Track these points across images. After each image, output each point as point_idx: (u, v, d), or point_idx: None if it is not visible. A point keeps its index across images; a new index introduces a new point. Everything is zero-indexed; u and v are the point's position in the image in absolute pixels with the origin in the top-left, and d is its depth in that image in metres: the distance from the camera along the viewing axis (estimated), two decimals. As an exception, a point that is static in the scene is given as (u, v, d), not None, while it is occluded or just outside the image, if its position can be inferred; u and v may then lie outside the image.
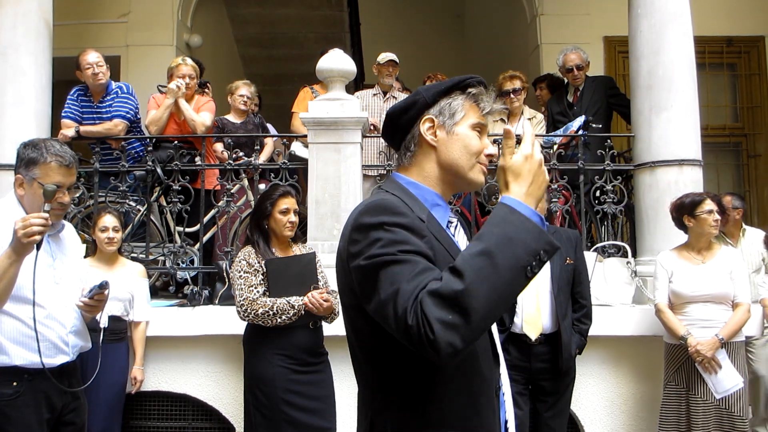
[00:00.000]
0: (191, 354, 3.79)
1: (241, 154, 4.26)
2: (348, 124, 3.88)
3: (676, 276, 3.40)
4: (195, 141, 4.54)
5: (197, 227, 4.26)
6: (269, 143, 4.89)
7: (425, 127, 1.42)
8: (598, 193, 4.21)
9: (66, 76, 4.80)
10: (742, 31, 6.71)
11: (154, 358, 3.74)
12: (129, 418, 3.70)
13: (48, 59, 4.18)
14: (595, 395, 3.84)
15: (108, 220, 3.39)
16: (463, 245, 1.44)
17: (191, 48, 7.03)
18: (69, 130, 4.34)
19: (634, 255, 4.10)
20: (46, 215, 2.10)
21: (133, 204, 4.30)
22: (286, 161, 4.21)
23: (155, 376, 3.76)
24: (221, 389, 3.78)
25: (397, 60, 5.17)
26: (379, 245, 1.22)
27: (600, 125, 4.64)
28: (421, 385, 1.30)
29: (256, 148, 4.24)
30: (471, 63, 9.62)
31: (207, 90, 5.31)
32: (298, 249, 3.26)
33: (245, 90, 4.97)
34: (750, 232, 4.49)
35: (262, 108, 5.97)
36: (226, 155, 4.20)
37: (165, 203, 4.29)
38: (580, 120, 4.44)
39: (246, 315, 2.97)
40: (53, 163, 2.24)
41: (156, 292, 4.29)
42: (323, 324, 3.13)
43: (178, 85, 4.49)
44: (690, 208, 3.42)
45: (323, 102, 3.94)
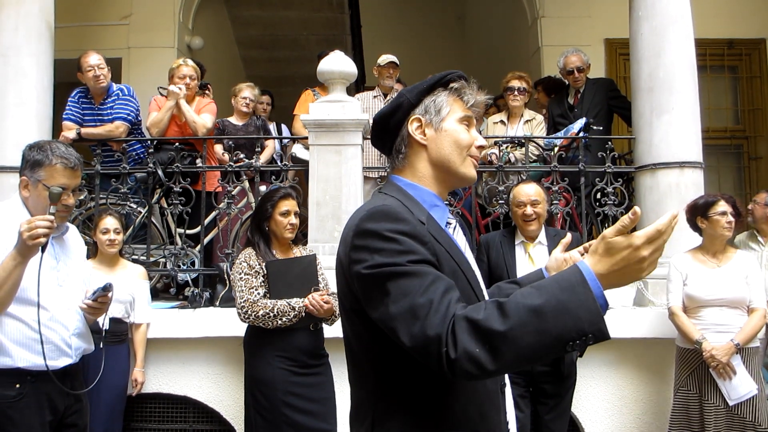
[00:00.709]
0: (192, 356, 3.79)
1: (242, 156, 4.27)
2: (349, 126, 3.88)
3: (690, 279, 3.35)
4: (196, 143, 4.55)
5: (198, 229, 4.27)
6: (270, 145, 4.89)
7: (413, 127, 1.43)
8: (599, 195, 4.22)
9: (67, 77, 4.81)
10: (743, 34, 6.72)
11: (154, 360, 3.74)
12: (130, 420, 3.70)
13: (49, 61, 4.18)
14: (596, 397, 3.83)
15: (109, 222, 3.40)
16: (463, 247, 1.44)
17: (192, 50, 7.04)
18: (70, 132, 4.34)
19: (634, 257, 4.09)
20: (51, 217, 2.10)
21: (134, 206, 4.30)
22: (287, 163, 4.22)
23: (156, 378, 3.76)
24: (222, 391, 3.78)
25: (398, 62, 5.18)
26: (385, 254, 1.23)
27: (601, 127, 4.64)
28: (427, 390, 1.30)
29: (256, 150, 4.24)
30: (472, 65, 9.62)
31: (208, 92, 5.31)
32: (298, 251, 3.27)
33: (248, 92, 5.01)
34: None
35: (274, 109, 5.99)
36: (226, 157, 4.21)
37: (166, 205, 4.29)
38: (581, 122, 4.44)
39: (246, 317, 2.97)
40: (58, 166, 2.24)
41: (157, 294, 4.29)
42: (324, 326, 3.13)
43: (180, 87, 4.50)
44: (703, 209, 3.37)
45: (324, 104, 3.94)
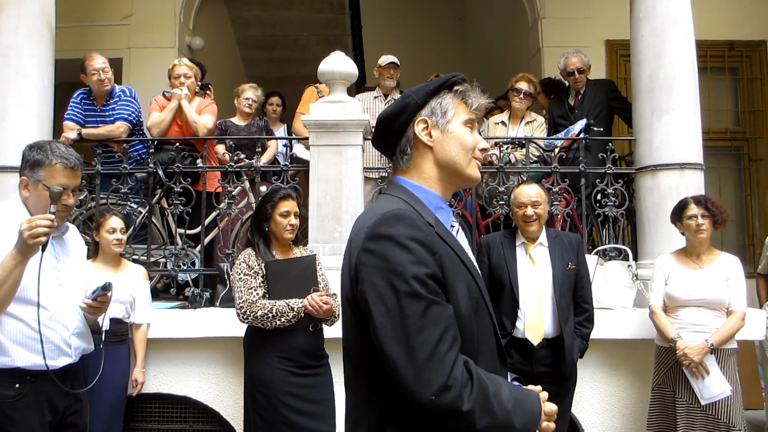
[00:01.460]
0: (192, 356, 3.79)
1: (243, 156, 4.27)
2: (349, 126, 3.88)
3: (671, 279, 3.40)
4: (197, 143, 4.56)
5: (198, 229, 4.27)
6: (272, 146, 4.90)
7: (420, 128, 1.44)
8: (599, 197, 4.22)
9: (68, 78, 4.81)
10: (743, 36, 6.72)
11: (155, 360, 3.74)
12: (130, 420, 3.70)
13: (50, 61, 4.18)
14: (596, 398, 3.83)
15: (115, 222, 3.40)
16: (465, 248, 1.45)
17: (193, 50, 7.05)
18: (71, 132, 4.34)
19: (635, 258, 4.10)
20: (51, 216, 2.10)
21: (135, 206, 4.30)
22: (287, 163, 4.22)
23: (156, 378, 3.76)
24: (222, 391, 3.78)
25: (398, 62, 5.18)
26: (396, 262, 1.25)
27: (601, 128, 4.64)
28: None
29: (257, 150, 4.24)
30: (472, 66, 9.63)
31: (209, 92, 5.32)
32: (299, 251, 3.26)
33: (251, 93, 5.02)
34: None
35: (285, 109, 5.99)
36: (227, 157, 4.21)
37: (166, 205, 4.29)
38: (581, 123, 4.44)
39: (245, 317, 2.97)
40: (58, 165, 2.25)
41: (157, 294, 4.30)
42: (324, 327, 3.13)
43: (186, 93, 4.55)
44: (677, 213, 3.44)
45: (325, 104, 3.94)
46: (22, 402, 2.21)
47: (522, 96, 4.85)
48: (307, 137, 4.02)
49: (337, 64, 3.99)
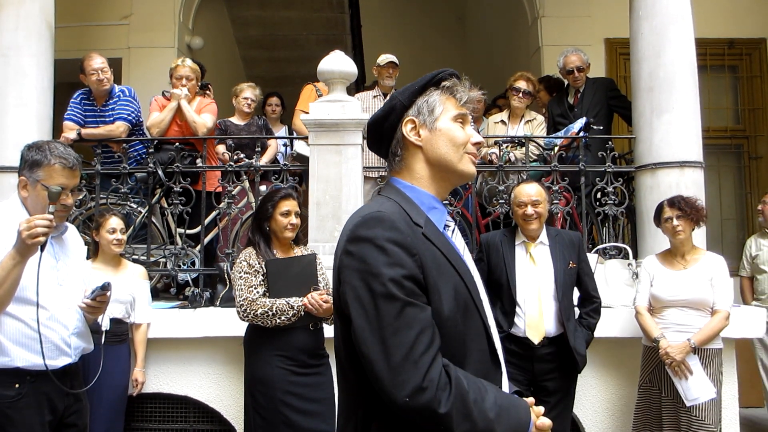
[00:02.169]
0: (192, 356, 3.80)
1: (243, 155, 4.27)
2: (349, 125, 3.88)
3: (656, 280, 3.43)
4: (196, 143, 4.56)
5: (198, 229, 4.27)
6: (272, 145, 4.90)
7: (408, 129, 1.44)
8: (599, 195, 4.22)
9: (68, 77, 4.81)
10: (743, 34, 6.72)
11: (155, 359, 3.74)
12: (130, 420, 3.70)
13: (50, 61, 4.18)
14: (597, 397, 3.84)
15: (115, 222, 3.40)
16: (461, 249, 1.45)
17: (192, 50, 7.05)
18: (71, 132, 4.34)
19: (635, 257, 4.10)
20: (50, 216, 2.10)
21: (135, 206, 4.31)
22: (287, 162, 4.21)
23: (156, 377, 3.76)
24: (222, 391, 3.78)
25: (397, 62, 5.18)
26: (373, 264, 1.25)
27: (601, 127, 4.64)
28: None
29: (257, 150, 4.24)
30: (472, 65, 9.63)
31: (208, 92, 5.32)
32: (299, 251, 3.27)
33: (249, 92, 5.03)
34: None
35: (285, 110, 6.00)
36: (227, 157, 4.21)
37: (166, 205, 4.29)
38: (581, 122, 4.44)
39: (245, 315, 2.97)
40: (57, 165, 2.25)
41: (157, 293, 4.30)
42: (324, 326, 3.13)
43: (186, 94, 4.55)
44: (656, 215, 3.49)
45: (324, 104, 3.94)
46: (21, 402, 2.21)
47: (521, 95, 4.85)
48: (307, 135, 4.02)
49: (337, 63, 3.99)
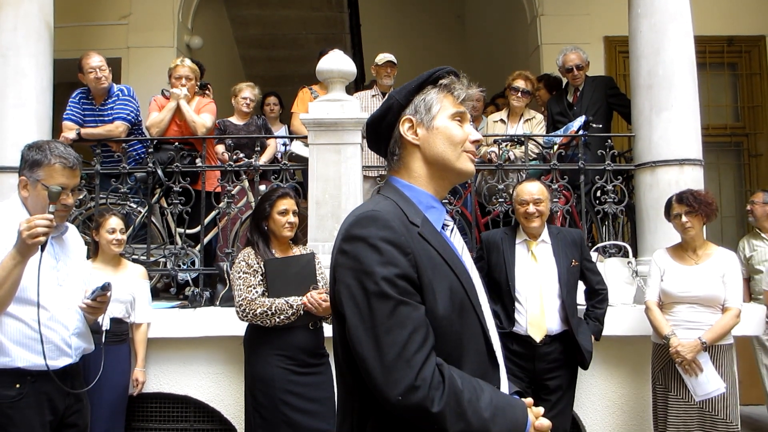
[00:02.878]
0: (192, 355, 3.80)
1: (242, 155, 4.27)
2: (348, 125, 3.88)
3: (667, 275, 3.39)
4: (196, 142, 4.55)
5: (198, 229, 4.27)
6: (272, 145, 4.89)
7: (405, 128, 1.43)
8: (598, 193, 4.21)
9: (67, 77, 4.81)
10: (742, 31, 6.72)
11: (155, 359, 3.74)
12: (131, 419, 3.70)
13: (49, 61, 4.18)
14: (597, 395, 3.84)
15: (114, 222, 3.40)
16: (460, 249, 1.44)
17: (192, 49, 7.05)
18: (70, 132, 4.34)
19: (635, 255, 4.10)
20: (51, 216, 2.10)
21: (134, 206, 4.31)
22: (286, 162, 4.22)
23: (157, 377, 3.77)
24: (222, 390, 3.78)
25: (395, 61, 5.17)
26: (366, 263, 1.25)
27: (600, 125, 4.64)
28: None
29: (256, 149, 4.24)
30: (471, 64, 9.62)
31: (208, 91, 5.32)
32: (298, 250, 3.26)
33: (248, 92, 5.03)
34: None
35: (284, 109, 6.00)
36: (226, 156, 4.21)
37: (166, 205, 4.30)
38: (580, 120, 4.44)
39: (245, 315, 2.97)
40: (57, 165, 2.25)
41: (157, 293, 4.30)
42: (324, 325, 3.12)
43: (185, 94, 4.55)
44: (666, 210, 3.45)
45: (323, 103, 3.94)
46: (22, 402, 2.21)
47: (520, 95, 4.85)
48: (306, 136, 4.02)
49: (336, 62, 3.98)
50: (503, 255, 3.28)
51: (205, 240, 4.26)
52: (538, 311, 3.17)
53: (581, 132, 4.37)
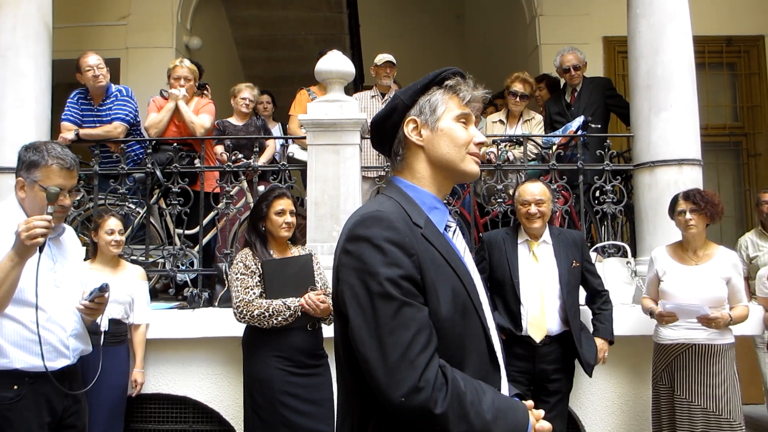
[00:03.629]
0: (191, 356, 3.79)
1: (241, 156, 4.26)
2: (347, 125, 3.88)
3: (668, 275, 3.36)
4: (194, 143, 4.55)
5: (197, 229, 4.27)
6: (271, 145, 4.89)
7: (409, 129, 1.43)
8: (597, 193, 4.21)
9: (66, 78, 4.81)
10: (741, 31, 6.72)
11: (154, 360, 3.74)
12: (129, 420, 3.70)
13: (48, 62, 4.18)
14: (596, 395, 3.83)
15: (113, 223, 3.40)
16: (462, 250, 1.44)
17: (191, 50, 7.05)
18: (69, 133, 4.33)
19: (633, 255, 4.10)
20: (49, 217, 2.10)
21: (133, 206, 4.30)
22: (285, 163, 4.21)
23: (155, 378, 3.76)
24: (221, 391, 3.78)
25: (394, 61, 5.17)
26: (370, 263, 1.25)
27: (599, 125, 4.65)
28: None
29: (255, 150, 4.24)
30: (471, 64, 9.62)
31: (206, 92, 5.31)
32: (297, 251, 3.26)
33: (248, 93, 5.01)
34: None
35: (277, 108, 5.99)
36: (225, 157, 4.21)
37: (164, 205, 4.29)
38: (579, 120, 4.44)
39: (242, 316, 2.97)
40: (54, 166, 2.24)
41: (156, 294, 4.29)
42: (323, 326, 3.12)
43: (184, 94, 4.55)
44: (671, 207, 3.42)
45: (322, 103, 3.94)
46: (20, 403, 2.21)
47: (518, 99, 4.85)
48: (304, 137, 4.02)
49: (334, 63, 3.98)
50: (506, 255, 3.27)
51: (204, 241, 4.26)
52: (538, 312, 3.17)
53: (580, 132, 4.36)
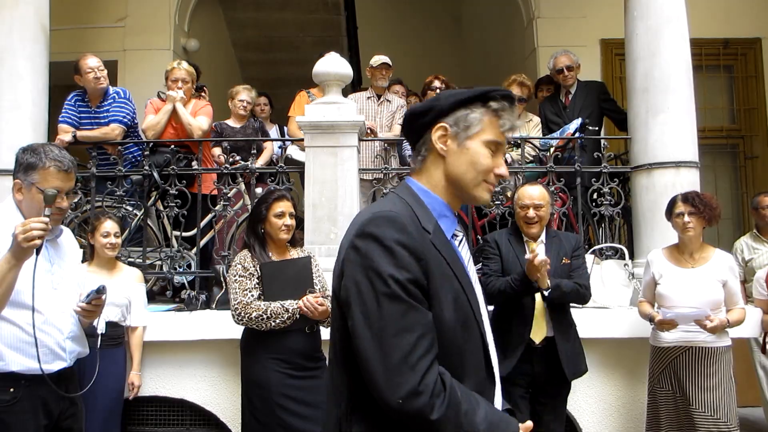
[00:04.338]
0: (188, 359, 3.79)
1: (238, 158, 4.26)
2: (345, 127, 3.88)
3: (664, 278, 3.35)
4: (192, 145, 4.55)
5: (194, 232, 4.26)
6: (269, 147, 4.89)
7: (437, 135, 1.39)
8: (595, 196, 4.22)
9: (63, 80, 4.79)
10: (738, 33, 6.73)
11: (151, 363, 3.73)
12: (127, 423, 3.69)
13: (45, 64, 4.18)
14: (594, 398, 3.84)
15: (109, 225, 3.39)
16: (467, 260, 1.43)
17: (188, 52, 7.04)
18: (66, 135, 4.32)
19: (631, 257, 4.10)
20: (46, 219, 2.09)
21: (130, 209, 4.30)
22: (282, 165, 4.21)
23: (152, 381, 3.76)
24: (219, 394, 3.77)
25: (390, 63, 5.16)
26: (379, 263, 1.24)
27: (596, 128, 4.65)
28: None
29: (253, 152, 4.23)
30: (468, 66, 9.64)
31: (204, 94, 5.31)
32: (296, 253, 3.25)
33: (245, 95, 5.00)
34: None
35: (273, 110, 5.98)
36: (223, 159, 4.20)
37: (162, 208, 4.29)
38: (576, 122, 4.45)
39: (240, 319, 2.96)
40: (52, 168, 2.23)
41: (153, 296, 4.28)
42: (321, 328, 3.11)
43: (182, 96, 4.54)
44: (668, 209, 3.41)
45: (320, 105, 3.94)
46: (17, 406, 2.20)
47: (517, 102, 4.86)
48: (302, 138, 4.02)
49: (332, 65, 3.99)
50: (515, 252, 3.25)
51: (201, 243, 4.25)
52: (538, 312, 3.16)
53: (578, 134, 4.37)
